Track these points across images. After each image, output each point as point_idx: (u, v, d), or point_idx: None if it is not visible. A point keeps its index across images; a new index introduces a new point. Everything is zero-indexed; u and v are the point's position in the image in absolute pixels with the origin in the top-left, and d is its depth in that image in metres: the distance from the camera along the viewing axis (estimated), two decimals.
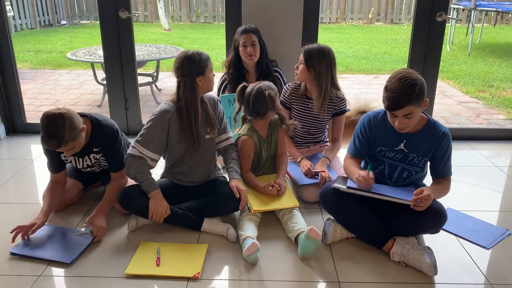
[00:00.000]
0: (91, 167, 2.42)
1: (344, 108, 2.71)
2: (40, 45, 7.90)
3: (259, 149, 2.43)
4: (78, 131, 2.07)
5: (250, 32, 2.84)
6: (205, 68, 2.20)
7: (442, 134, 2.07)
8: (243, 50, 2.85)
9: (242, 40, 2.84)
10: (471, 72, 6.24)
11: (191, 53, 2.19)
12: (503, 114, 4.59)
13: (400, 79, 1.90)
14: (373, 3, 10.45)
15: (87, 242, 2.11)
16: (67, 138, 2.02)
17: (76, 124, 2.06)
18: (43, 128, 2.01)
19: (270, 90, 2.32)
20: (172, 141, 2.26)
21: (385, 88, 1.95)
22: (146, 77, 5.05)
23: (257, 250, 1.96)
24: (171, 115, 2.21)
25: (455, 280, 1.91)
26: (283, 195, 2.32)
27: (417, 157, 2.10)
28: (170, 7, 10.55)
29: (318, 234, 1.96)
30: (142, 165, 2.19)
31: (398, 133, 2.09)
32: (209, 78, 2.25)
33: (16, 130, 3.60)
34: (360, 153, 2.23)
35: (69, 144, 2.06)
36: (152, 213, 2.16)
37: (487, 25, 9.67)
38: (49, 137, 2.00)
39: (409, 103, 1.89)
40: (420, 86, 1.91)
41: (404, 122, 1.96)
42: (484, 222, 2.35)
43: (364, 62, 6.94)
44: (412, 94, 1.88)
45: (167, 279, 1.90)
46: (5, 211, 2.44)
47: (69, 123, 2.02)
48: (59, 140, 2.01)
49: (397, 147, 2.12)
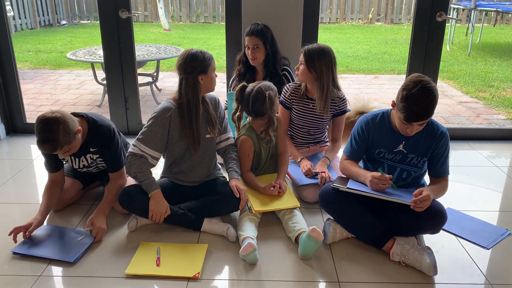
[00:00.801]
0: (87, 167, 2.42)
1: (345, 108, 2.71)
2: (40, 45, 7.90)
3: (258, 149, 2.43)
4: (73, 134, 2.07)
5: (253, 35, 2.82)
6: (207, 67, 2.21)
7: (440, 133, 2.07)
8: (247, 52, 2.86)
9: (246, 42, 2.85)
10: (471, 72, 6.24)
11: (195, 51, 2.20)
12: (503, 114, 4.59)
13: (423, 90, 1.85)
14: (373, 3, 10.45)
15: (90, 241, 2.12)
16: (62, 142, 2.03)
17: (71, 128, 2.06)
18: (38, 133, 2.02)
19: (270, 90, 2.32)
20: (173, 139, 2.26)
21: (405, 97, 1.87)
22: (146, 77, 5.05)
23: (254, 251, 1.95)
24: (172, 113, 2.21)
25: (455, 280, 1.91)
26: (283, 195, 2.32)
27: (416, 158, 2.11)
28: (170, 7, 10.55)
29: (320, 234, 1.96)
30: (143, 164, 2.19)
31: (397, 134, 2.09)
32: (211, 77, 2.25)
33: (16, 130, 3.60)
34: (356, 155, 2.23)
35: (65, 147, 2.06)
36: (152, 213, 2.16)
37: (487, 25, 9.67)
38: (44, 142, 2.01)
39: (430, 116, 1.91)
40: (436, 100, 1.89)
41: (417, 129, 1.97)
42: (484, 222, 2.35)
43: (364, 62, 6.94)
44: (433, 107, 1.88)
45: (167, 279, 1.90)
46: (5, 211, 2.44)
47: (63, 127, 2.02)
48: (54, 145, 2.02)
49: (396, 148, 2.12)
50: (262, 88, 2.32)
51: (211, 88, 2.29)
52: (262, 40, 2.83)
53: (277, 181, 2.35)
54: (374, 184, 2.03)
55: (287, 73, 2.98)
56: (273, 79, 2.89)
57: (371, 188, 2.05)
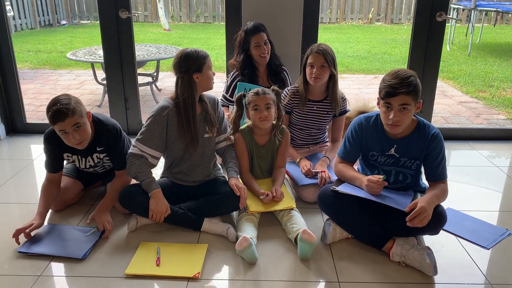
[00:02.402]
0: (94, 167, 2.42)
1: (345, 109, 2.71)
2: (40, 45, 7.90)
3: (251, 152, 2.43)
4: (84, 111, 2.15)
5: (261, 31, 2.81)
6: (202, 65, 2.20)
7: (432, 135, 2.05)
8: (257, 50, 2.81)
9: (255, 41, 2.80)
10: (471, 72, 6.24)
11: (189, 50, 2.21)
12: (503, 114, 4.59)
13: (399, 71, 1.96)
14: (373, 3, 10.45)
15: (97, 237, 2.14)
16: (74, 109, 2.08)
17: (82, 105, 2.15)
18: (50, 105, 2.08)
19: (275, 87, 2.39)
20: (171, 138, 2.27)
21: (382, 80, 2.00)
22: (146, 77, 5.04)
23: (250, 246, 1.94)
24: (169, 111, 2.22)
25: (455, 280, 1.91)
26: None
27: (408, 161, 2.10)
28: (170, 7, 10.55)
29: (311, 236, 1.96)
30: (143, 164, 2.20)
31: (389, 138, 2.09)
32: (207, 75, 2.24)
33: (16, 130, 3.60)
34: (350, 156, 2.22)
35: (76, 117, 2.09)
36: (152, 212, 2.16)
37: (487, 25, 9.66)
38: (57, 106, 2.05)
39: (406, 91, 1.91)
40: (417, 81, 1.95)
41: (399, 116, 1.95)
42: (484, 222, 2.35)
43: (364, 62, 6.94)
44: (409, 83, 1.91)
45: (167, 279, 1.90)
46: (5, 211, 2.44)
47: (75, 99, 2.13)
48: (66, 109, 2.05)
49: (388, 152, 2.12)
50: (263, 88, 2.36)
51: (209, 86, 2.28)
52: (267, 35, 2.84)
53: (272, 188, 2.32)
54: (369, 188, 2.03)
55: (285, 73, 2.98)
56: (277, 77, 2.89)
57: (368, 192, 2.04)
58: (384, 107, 2.00)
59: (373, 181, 2.01)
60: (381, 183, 2.01)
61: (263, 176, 2.48)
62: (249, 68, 2.89)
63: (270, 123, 2.37)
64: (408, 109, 1.95)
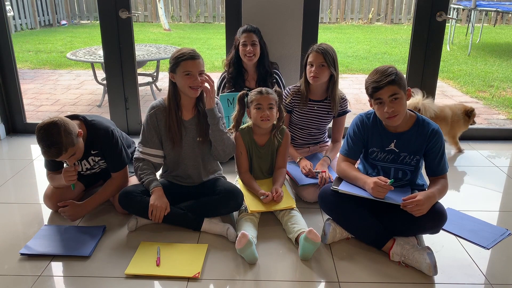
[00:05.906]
0: (91, 170, 2.42)
1: (346, 109, 2.71)
2: (40, 45, 7.90)
3: (250, 152, 2.42)
4: (74, 135, 2.08)
5: (251, 32, 2.83)
6: (175, 66, 2.17)
7: (432, 131, 2.07)
8: (243, 49, 2.85)
9: (243, 39, 2.84)
10: (471, 72, 6.24)
11: (178, 49, 2.23)
12: (503, 114, 4.59)
13: (377, 68, 2.04)
14: (373, 3, 10.45)
15: (99, 235, 2.15)
16: (65, 144, 2.03)
17: (71, 129, 2.07)
18: (40, 140, 2.02)
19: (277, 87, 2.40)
20: (163, 138, 2.29)
21: (366, 82, 2.06)
22: (146, 77, 5.05)
23: (250, 244, 1.94)
24: (157, 110, 2.26)
25: (455, 280, 1.91)
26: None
27: (408, 156, 2.10)
28: (170, 7, 10.55)
29: (317, 236, 1.95)
30: (145, 164, 2.26)
31: (388, 132, 2.10)
32: (181, 79, 2.16)
33: (16, 130, 3.60)
34: (354, 153, 2.22)
35: (69, 150, 2.06)
36: (152, 208, 2.15)
37: (487, 25, 9.67)
38: (48, 147, 2.01)
39: (390, 80, 1.95)
40: (397, 70, 2.00)
41: (393, 106, 1.97)
42: (484, 222, 2.35)
43: (364, 62, 6.94)
44: (390, 73, 1.97)
45: (167, 279, 1.90)
46: (5, 211, 2.44)
47: (64, 129, 2.03)
48: (59, 148, 2.02)
49: (387, 147, 2.12)
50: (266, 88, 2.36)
51: (184, 90, 2.19)
52: (258, 38, 2.85)
53: (272, 188, 2.32)
54: (376, 191, 2.00)
55: (277, 77, 2.97)
56: (266, 81, 2.89)
57: (373, 195, 2.02)
58: (377, 104, 2.02)
59: (381, 185, 1.99)
60: (388, 187, 2.00)
61: (263, 176, 2.48)
62: (235, 68, 2.91)
63: (271, 123, 2.37)
64: (399, 98, 1.98)
